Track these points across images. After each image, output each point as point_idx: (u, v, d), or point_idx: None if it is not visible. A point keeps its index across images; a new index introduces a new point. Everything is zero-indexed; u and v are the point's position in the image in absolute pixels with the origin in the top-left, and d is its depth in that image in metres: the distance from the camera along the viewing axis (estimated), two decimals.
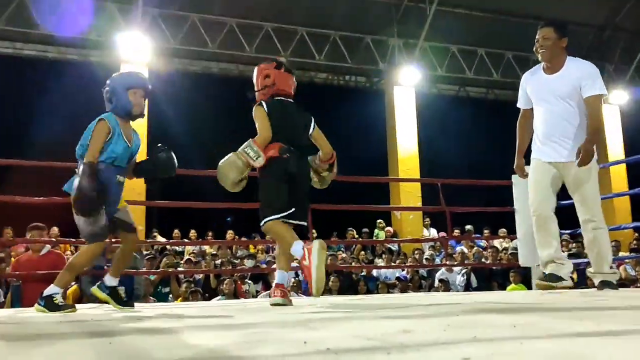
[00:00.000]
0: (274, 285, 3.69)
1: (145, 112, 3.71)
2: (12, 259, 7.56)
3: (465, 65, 14.71)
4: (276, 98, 3.78)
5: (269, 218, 3.51)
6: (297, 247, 3.35)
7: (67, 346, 1.63)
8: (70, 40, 12.46)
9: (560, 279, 4.33)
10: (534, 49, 4.37)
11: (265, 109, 3.68)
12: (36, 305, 3.49)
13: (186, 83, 13.80)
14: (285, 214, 3.54)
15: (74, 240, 7.43)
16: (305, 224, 3.75)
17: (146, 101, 3.83)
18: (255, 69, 3.91)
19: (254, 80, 3.89)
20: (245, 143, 3.60)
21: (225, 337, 1.83)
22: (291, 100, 3.88)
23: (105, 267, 5.36)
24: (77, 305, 4.53)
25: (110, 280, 3.72)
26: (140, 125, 11.79)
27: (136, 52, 12.00)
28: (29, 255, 5.82)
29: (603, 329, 1.80)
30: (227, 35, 13.10)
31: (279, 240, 3.65)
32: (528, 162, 4.66)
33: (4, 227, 9.06)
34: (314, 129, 3.85)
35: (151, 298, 6.83)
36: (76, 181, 3.44)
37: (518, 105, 4.69)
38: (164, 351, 1.44)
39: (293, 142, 3.67)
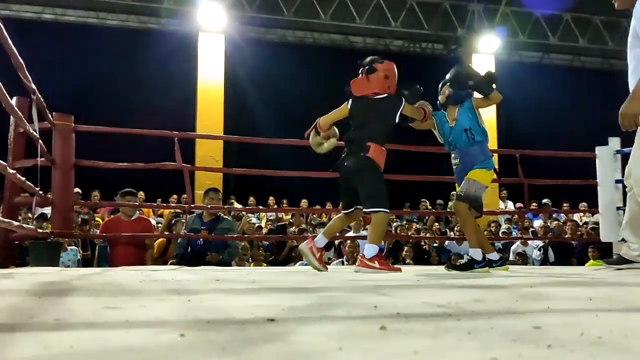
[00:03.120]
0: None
1: (222, 79, 3.83)
2: (97, 221, 7.99)
3: (549, 31, 14.10)
4: None
5: (384, 209, 3.80)
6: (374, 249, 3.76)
7: (151, 302, 1.74)
8: (149, 9, 12.83)
9: None
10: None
11: None
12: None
13: (262, 51, 13.94)
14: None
15: (156, 204, 7.78)
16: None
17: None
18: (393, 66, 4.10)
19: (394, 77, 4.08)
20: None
21: (300, 299, 1.89)
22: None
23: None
24: (158, 267, 4.78)
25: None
26: (216, 93, 12.15)
27: (213, 20, 12.21)
28: (118, 218, 6.12)
29: None
30: (302, 3, 13.09)
31: (380, 229, 3.86)
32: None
33: (91, 190, 9.55)
34: None
35: (247, 262, 6.99)
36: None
37: None
38: (239, 309, 1.51)
39: None
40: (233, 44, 13.05)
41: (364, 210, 3.90)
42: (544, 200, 11.43)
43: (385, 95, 4.00)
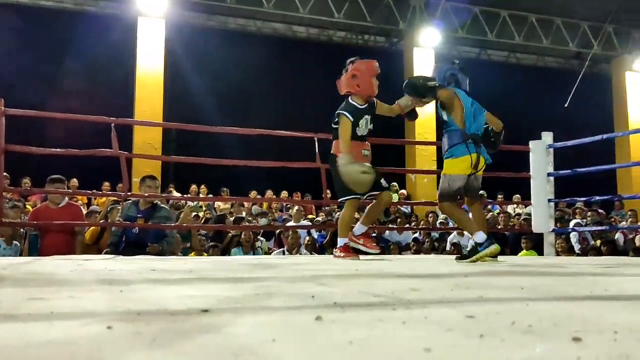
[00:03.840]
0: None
1: (162, 65, 3.73)
2: (27, 208, 7.69)
3: (487, 28, 14.43)
4: None
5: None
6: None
7: (80, 292, 1.67)
8: None
9: None
10: None
11: None
12: None
13: (203, 38, 13.69)
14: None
15: (90, 192, 7.55)
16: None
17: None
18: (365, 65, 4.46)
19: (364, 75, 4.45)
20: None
21: (236, 289, 1.86)
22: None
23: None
24: (92, 256, 4.64)
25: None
26: (155, 80, 11.86)
27: (153, 5, 11.90)
28: (47, 205, 5.90)
29: (609, 293, 1.81)
30: None
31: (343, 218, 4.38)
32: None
33: (22, 178, 9.18)
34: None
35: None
36: None
37: None
38: (173, 300, 1.47)
39: None
40: (174, 30, 12.76)
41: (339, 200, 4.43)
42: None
43: (351, 94, 4.40)
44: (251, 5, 13.10)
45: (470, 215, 4.44)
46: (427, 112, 13.38)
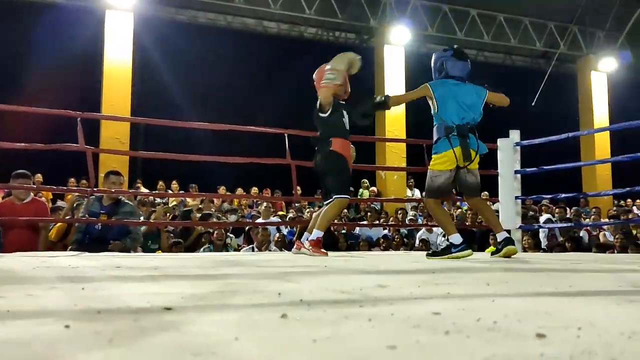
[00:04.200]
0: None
1: (130, 59, 3.65)
2: None
3: (457, 26, 14.56)
4: None
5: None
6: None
7: (40, 290, 1.63)
8: None
9: None
10: None
11: None
12: None
13: (173, 32, 13.52)
14: None
15: (55, 188, 7.40)
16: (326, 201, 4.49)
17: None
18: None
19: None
20: None
21: (201, 286, 1.83)
22: None
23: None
24: (56, 253, 4.54)
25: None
26: (123, 73, 11.67)
27: None
28: (10, 201, 5.76)
29: (574, 289, 1.83)
30: None
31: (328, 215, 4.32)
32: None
33: None
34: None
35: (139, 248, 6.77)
36: None
37: None
38: (134, 297, 1.43)
39: None
40: (142, 23, 12.57)
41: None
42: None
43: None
44: (221, 0, 12.98)
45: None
46: (398, 110, 13.46)
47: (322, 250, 4.21)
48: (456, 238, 3.95)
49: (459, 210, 10.42)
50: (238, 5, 13.07)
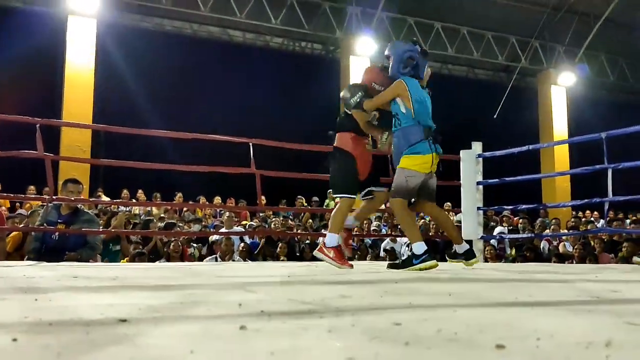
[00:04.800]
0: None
1: (93, 65, 3.58)
2: None
3: (421, 38, 14.73)
4: None
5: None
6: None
7: None
8: None
9: None
10: None
11: None
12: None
13: (137, 39, 13.36)
14: None
15: (13, 196, 7.21)
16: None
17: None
18: None
19: None
20: None
21: (161, 297, 1.79)
22: None
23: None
24: (12, 263, 4.41)
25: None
26: (85, 80, 11.47)
27: (84, 3, 11.50)
28: None
29: (533, 299, 1.84)
30: None
31: (337, 217, 4.01)
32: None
33: None
34: None
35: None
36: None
37: None
38: (90, 308, 1.39)
39: None
40: (106, 30, 12.38)
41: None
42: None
43: None
44: (187, 7, 12.89)
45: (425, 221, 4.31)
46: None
47: (348, 262, 3.90)
48: (420, 247, 3.67)
49: (422, 220, 10.50)
50: (204, 13, 12.99)
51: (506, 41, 15.45)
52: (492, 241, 8.37)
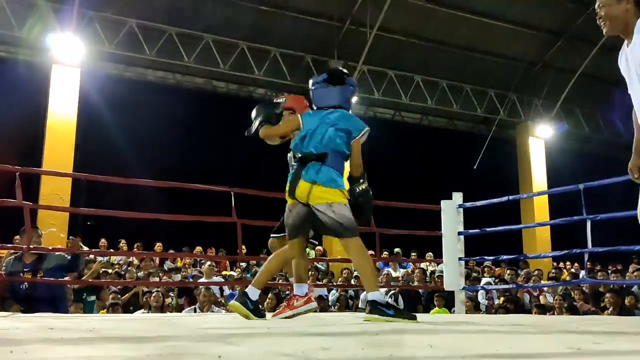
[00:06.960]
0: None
1: (75, 114, 3.60)
2: None
3: (402, 91, 15.02)
4: None
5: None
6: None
7: None
8: None
9: None
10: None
11: None
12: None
13: (120, 88, 13.45)
14: None
15: None
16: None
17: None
18: None
19: None
20: None
21: (139, 349, 1.77)
22: None
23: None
24: None
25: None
26: (67, 129, 11.47)
27: (69, 53, 11.60)
28: None
29: (513, 351, 1.85)
30: (165, 44, 12.87)
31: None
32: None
33: None
34: None
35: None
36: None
37: None
38: None
39: None
40: (89, 79, 12.46)
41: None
42: (396, 250, 11.91)
43: None
44: (171, 58, 13.06)
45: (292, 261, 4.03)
46: None
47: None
48: (378, 295, 3.37)
49: (404, 270, 10.49)
50: (187, 64, 13.16)
51: (484, 94, 15.81)
52: (480, 292, 8.38)
